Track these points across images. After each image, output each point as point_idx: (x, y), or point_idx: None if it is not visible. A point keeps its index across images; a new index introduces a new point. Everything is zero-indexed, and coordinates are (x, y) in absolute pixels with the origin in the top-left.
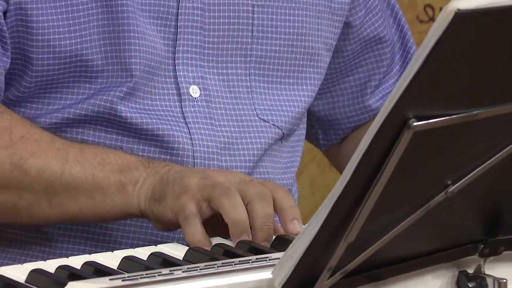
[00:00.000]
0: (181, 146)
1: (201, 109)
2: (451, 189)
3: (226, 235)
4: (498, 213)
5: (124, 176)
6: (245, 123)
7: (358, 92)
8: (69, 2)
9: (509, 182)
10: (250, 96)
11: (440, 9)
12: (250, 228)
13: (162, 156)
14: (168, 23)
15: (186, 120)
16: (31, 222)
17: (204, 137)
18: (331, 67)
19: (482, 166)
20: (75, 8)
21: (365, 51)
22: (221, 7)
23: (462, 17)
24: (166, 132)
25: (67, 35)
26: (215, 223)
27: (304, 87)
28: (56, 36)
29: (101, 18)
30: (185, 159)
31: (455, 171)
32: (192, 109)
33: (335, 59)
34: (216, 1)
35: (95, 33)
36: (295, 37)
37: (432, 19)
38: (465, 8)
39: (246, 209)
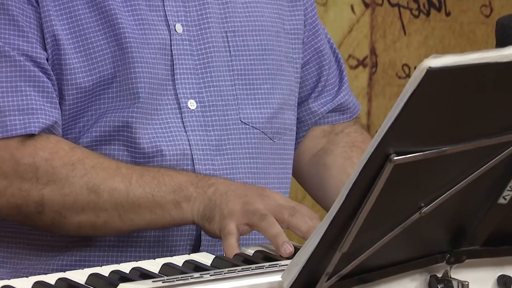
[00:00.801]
0: (182, 152)
1: (197, 118)
2: (424, 210)
3: None
4: (462, 229)
5: (178, 195)
6: (231, 127)
7: (306, 96)
8: (87, 47)
9: (470, 204)
10: (236, 102)
11: (415, 67)
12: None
13: (167, 163)
14: (165, 52)
15: (186, 129)
16: (106, 234)
17: (199, 142)
18: None
19: (449, 191)
20: (91, 50)
21: (310, 62)
22: (203, 36)
23: (432, 73)
24: (169, 143)
25: (88, 73)
26: None
27: (276, 91)
28: (80, 75)
29: (113, 55)
30: (185, 162)
31: (427, 196)
32: (190, 119)
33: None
34: (198, 32)
35: (109, 68)
36: (263, 52)
37: (408, 76)
38: (435, 66)
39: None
